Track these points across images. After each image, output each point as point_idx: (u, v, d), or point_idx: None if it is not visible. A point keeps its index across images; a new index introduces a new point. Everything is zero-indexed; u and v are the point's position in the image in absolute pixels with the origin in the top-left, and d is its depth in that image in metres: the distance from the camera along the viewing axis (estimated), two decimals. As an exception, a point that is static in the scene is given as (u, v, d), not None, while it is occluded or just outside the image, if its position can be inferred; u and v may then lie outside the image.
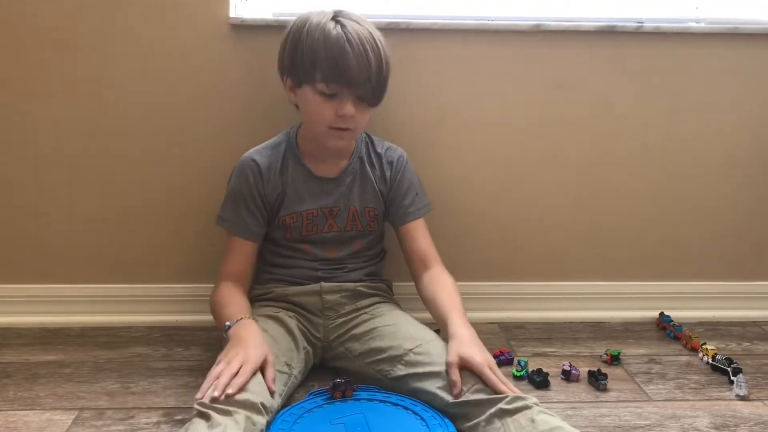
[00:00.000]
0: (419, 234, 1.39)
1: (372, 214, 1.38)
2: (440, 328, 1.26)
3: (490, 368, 1.10)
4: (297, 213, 1.34)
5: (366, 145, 1.40)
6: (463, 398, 1.08)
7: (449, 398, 1.10)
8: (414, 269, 1.39)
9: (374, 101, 1.29)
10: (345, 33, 1.21)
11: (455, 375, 1.11)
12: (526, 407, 1.03)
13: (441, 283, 1.32)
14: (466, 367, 1.11)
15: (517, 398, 1.05)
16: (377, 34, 1.26)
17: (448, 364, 1.13)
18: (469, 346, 1.14)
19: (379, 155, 1.39)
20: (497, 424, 1.03)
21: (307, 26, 1.24)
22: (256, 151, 1.35)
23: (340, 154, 1.36)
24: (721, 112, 1.58)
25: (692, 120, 1.58)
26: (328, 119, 1.26)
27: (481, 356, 1.12)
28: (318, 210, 1.34)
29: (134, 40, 1.47)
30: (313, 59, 1.23)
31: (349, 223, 1.36)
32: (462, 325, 1.20)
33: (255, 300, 1.37)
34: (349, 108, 1.24)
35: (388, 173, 1.38)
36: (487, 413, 1.04)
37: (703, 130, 1.58)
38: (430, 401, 1.14)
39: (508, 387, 1.08)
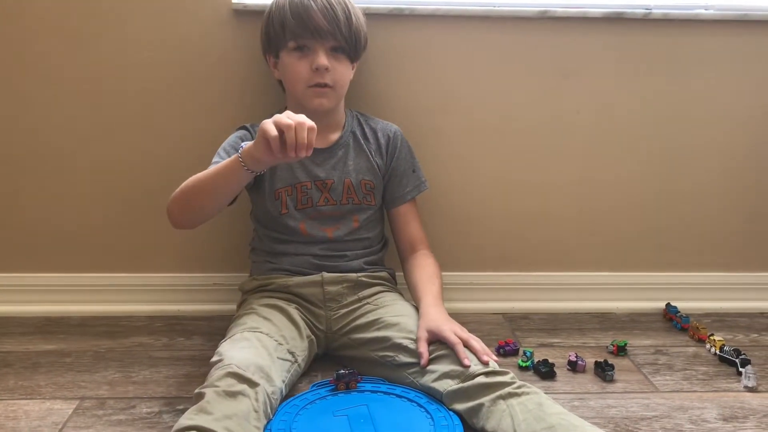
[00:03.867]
0: (410, 217, 1.42)
1: (368, 187, 1.38)
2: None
3: (459, 336, 1.15)
4: (292, 186, 1.34)
5: (358, 121, 1.42)
6: (467, 383, 1.07)
7: (452, 384, 1.09)
8: (401, 251, 1.43)
9: (350, 52, 1.32)
10: None
11: (423, 347, 1.16)
12: (535, 392, 1.03)
13: (423, 268, 1.36)
14: (439, 340, 1.16)
15: (524, 384, 1.05)
16: None
17: (417, 339, 1.18)
18: (435, 321, 1.19)
19: (374, 130, 1.41)
20: (502, 405, 1.02)
21: (275, 2, 1.32)
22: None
23: (329, 124, 1.35)
24: (731, 101, 1.56)
25: (701, 109, 1.56)
26: (305, 76, 1.29)
27: (447, 326, 1.17)
28: (311, 183, 1.34)
29: (135, 27, 1.45)
30: (282, 22, 1.29)
31: (345, 197, 1.36)
32: (432, 304, 1.25)
33: (255, 291, 1.35)
34: (322, 59, 1.27)
35: (384, 147, 1.40)
36: (494, 395, 1.03)
37: (711, 118, 1.56)
38: (431, 390, 1.13)
39: (479, 358, 1.11)
